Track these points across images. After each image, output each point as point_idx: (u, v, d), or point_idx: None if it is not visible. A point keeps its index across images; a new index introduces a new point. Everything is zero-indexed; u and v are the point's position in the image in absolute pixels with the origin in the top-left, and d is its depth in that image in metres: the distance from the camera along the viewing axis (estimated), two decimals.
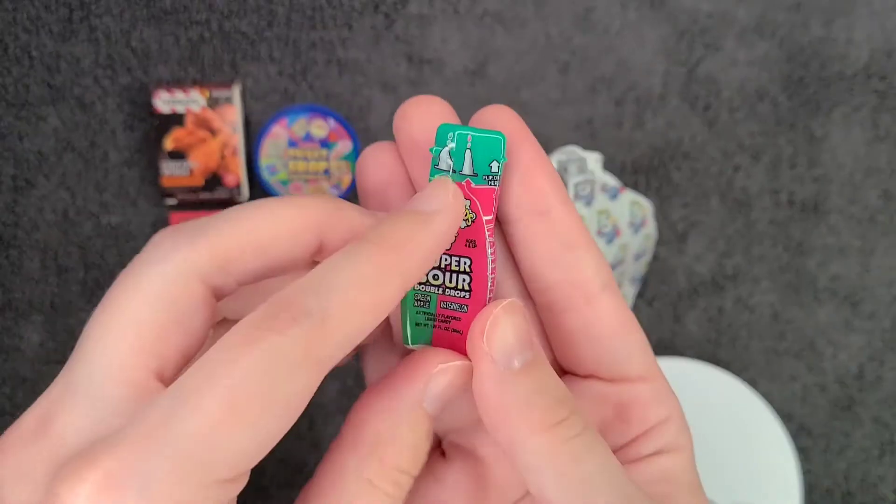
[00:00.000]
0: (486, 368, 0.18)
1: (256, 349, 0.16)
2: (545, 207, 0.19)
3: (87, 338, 0.17)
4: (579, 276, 0.19)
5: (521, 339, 0.18)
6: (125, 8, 0.52)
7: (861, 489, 0.56)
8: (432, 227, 0.18)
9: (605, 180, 0.49)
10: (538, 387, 0.18)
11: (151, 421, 0.15)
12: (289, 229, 0.19)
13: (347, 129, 0.52)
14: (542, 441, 0.17)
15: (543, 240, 0.19)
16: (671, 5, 0.54)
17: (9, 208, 0.53)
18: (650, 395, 0.20)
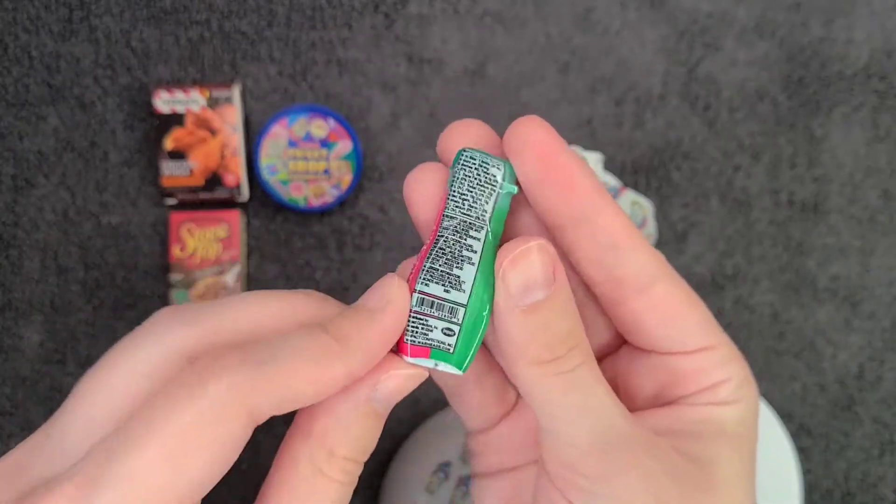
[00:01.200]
0: (501, 303, 0.20)
1: (194, 397, 0.17)
2: (585, 215, 0.20)
3: (73, 396, 0.19)
4: (623, 273, 0.21)
5: (529, 282, 0.19)
6: (125, 8, 0.52)
7: (861, 489, 0.56)
8: (378, 325, 0.20)
9: (606, 180, 0.49)
10: (540, 326, 0.19)
11: (97, 460, 0.17)
12: (274, 321, 0.20)
13: (347, 129, 0.52)
14: (534, 373, 0.19)
15: (585, 244, 0.20)
16: (671, 5, 0.54)
17: (9, 208, 0.53)
18: (709, 362, 0.21)
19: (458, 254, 0.20)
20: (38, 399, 0.53)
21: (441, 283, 0.20)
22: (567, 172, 0.20)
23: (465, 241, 0.20)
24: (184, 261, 0.52)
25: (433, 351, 0.20)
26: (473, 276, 0.20)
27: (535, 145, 0.20)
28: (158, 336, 0.19)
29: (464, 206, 0.20)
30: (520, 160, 0.20)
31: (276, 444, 0.53)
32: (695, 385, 0.21)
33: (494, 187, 0.20)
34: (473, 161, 0.20)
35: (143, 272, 0.53)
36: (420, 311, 0.20)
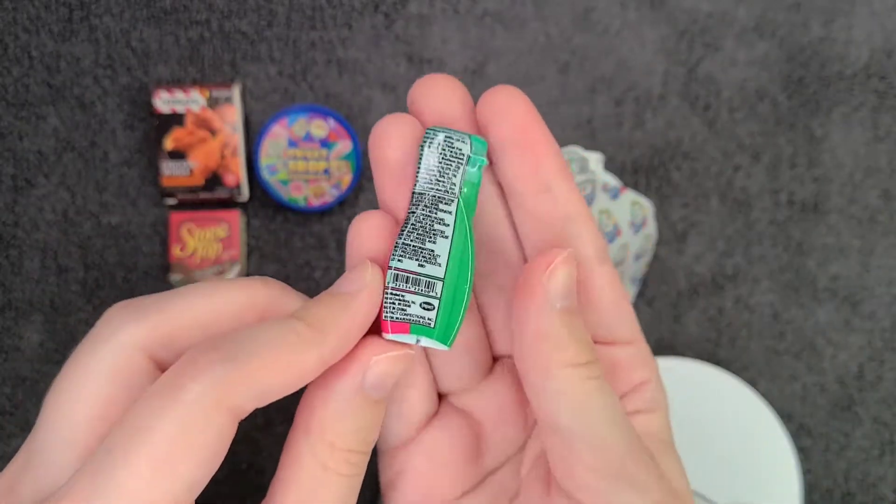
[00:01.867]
0: (539, 301, 0.19)
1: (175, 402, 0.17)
2: (548, 184, 0.20)
3: (44, 409, 0.19)
4: (579, 248, 0.21)
5: (570, 286, 0.20)
6: (125, 8, 0.52)
7: (861, 489, 0.56)
8: (352, 306, 0.19)
9: (607, 180, 0.49)
10: (574, 329, 0.20)
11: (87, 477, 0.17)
12: (231, 310, 0.20)
13: (347, 128, 0.52)
14: (569, 375, 0.19)
15: (546, 214, 0.21)
16: (671, 5, 0.54)
17: (8, 208, 0.53)
18: (635, 357, 0.22)
19: (430, 228, 0.20)
20: (38, 399, 0.53)
21: (415, 258, 0.20)
22: (541, 141, 0.20)
23: (435, 214, 0.20)
24: (184, 261, 0.52)
25: (413, 326, 0.20)
26: (448, 249, 0.20)
27: (513, 112, 0.20)
28: (113, 336, 0.19)
29: (432, 181, 0.20)
30: (497, 126, 0.20)
31: (274, 442, 0.53)
32: (627, 382, 0.22)
33: (461, 160, 0.20)
34: (438, 136, 0.20)
35: (143, 272, 0.53)
36: (396, 287, 0.20)
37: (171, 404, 0.17)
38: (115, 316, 0.19)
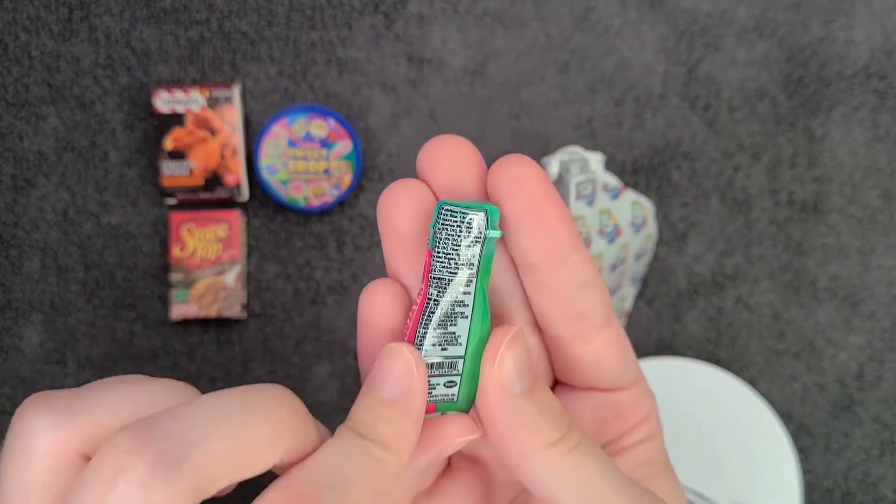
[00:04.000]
0: (496, 394, 0.20)
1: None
2: (564, 255, 0.20)
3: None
4: (590, 312, 0.21)
5: (522, 368, 0.20)
6: (125, 8, 0.52)
7: (861, 489, 0.56)
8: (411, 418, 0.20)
9: (607, 180, 0.49)
10: (541, 407, 0.20)
11: None
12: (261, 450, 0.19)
13: (347, 128, 0.52)
14: (550, 455, 0.19)
15: (562, 283, 0.21)
16: (671, 5, 0.54)
17: (9, 208, 0.53)
18: (638, 397, 0.23)
19: (451, 312, 0.20)
20: None
21: (439, 345, 0.20)
22: (556, 214, 0.20)
23: (455, 298, 0.20)
24: (184, 260, 0.52)
25: (438, 405, 0.21)
26: (468, 327, 0.20)
27: (527, 185, 0.20)
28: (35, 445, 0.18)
29: (450, 265, 0.20)
30: (510, 200, 0.20)
31: None
32: (632, 419, 0.23)
33: (479, 238, 0.20)
34: (454, 216, 0.20)
35: (143, 272, 0.53)
36: None
37: None
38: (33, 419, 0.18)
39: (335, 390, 0.55)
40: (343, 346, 0.54)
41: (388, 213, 0.20)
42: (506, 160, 0.20)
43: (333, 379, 0.54)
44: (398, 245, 0.21)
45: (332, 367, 0.54)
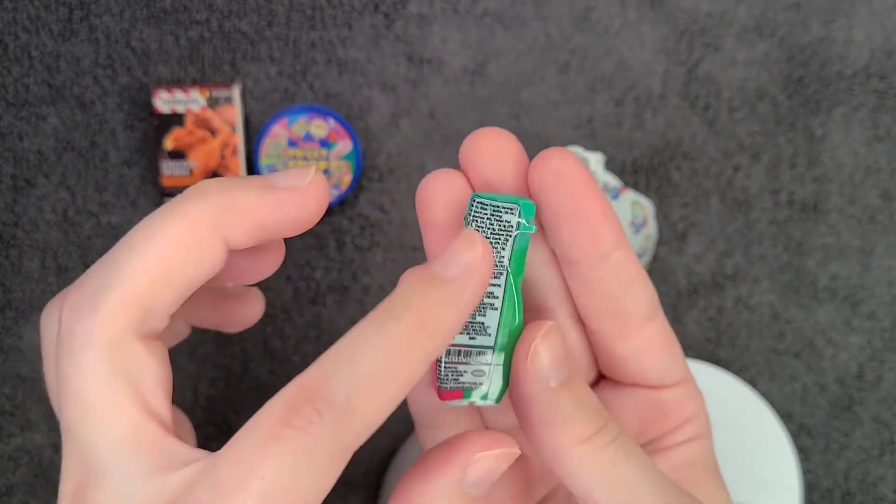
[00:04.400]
0: (530, 388, 0.19)
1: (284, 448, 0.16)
2: (606, 251, 0.20)
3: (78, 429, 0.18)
4: (634, 309, 0.21)
5: (557, 361, 0.19)
6: (125, 8, 0.52)
7: (861, 489, 0.56)
8: (460, 297, 0.18)
9: (607, 180, 0.49)
10: (576, 401, 0.19)
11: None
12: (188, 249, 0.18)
13: (347, 128, 0.52)
14: (585, 450, 0.19)
15: (604, 279, 0.20)
16: (671, 5, 0.54)
17: (8, 208, 0.53)
18: (684, 396, 0.22)
19: (481, 303, 0.20)
20: (38, 399, 0.53)
21: (466, 333, 0.20)
22: (600, 209, 0.20)
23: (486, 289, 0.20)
24: None
25: (465, 392, 0.21)
26: (498, 319, 0.20)
27: (569, 179, 0.19)
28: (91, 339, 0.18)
29: None
30: (553, 195, 0.19)
31: None
32: (677, 418, 0.22)
33: (510, 232, 0.20)
34: (486, 209, 0.20)
35: None
36: (449, 360, 0.20)
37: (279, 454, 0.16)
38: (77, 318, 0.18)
39: None
40: None
41: (425, 203, 0.20)
42: (547, 154, 0.20)
43: None
44: (435, 233, 0.21)
45: None
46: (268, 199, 0.19)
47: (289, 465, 0.16)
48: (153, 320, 0.19)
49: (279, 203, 0.19)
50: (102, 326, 0.18)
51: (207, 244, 0.19)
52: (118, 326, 0.18)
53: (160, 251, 0.18)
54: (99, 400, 0.18)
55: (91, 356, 0.18)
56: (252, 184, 0.20)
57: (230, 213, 0.19)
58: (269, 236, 0.20)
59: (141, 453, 0.18)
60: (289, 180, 0.20)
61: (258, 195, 0.19)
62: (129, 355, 0.18)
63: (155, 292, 0.18)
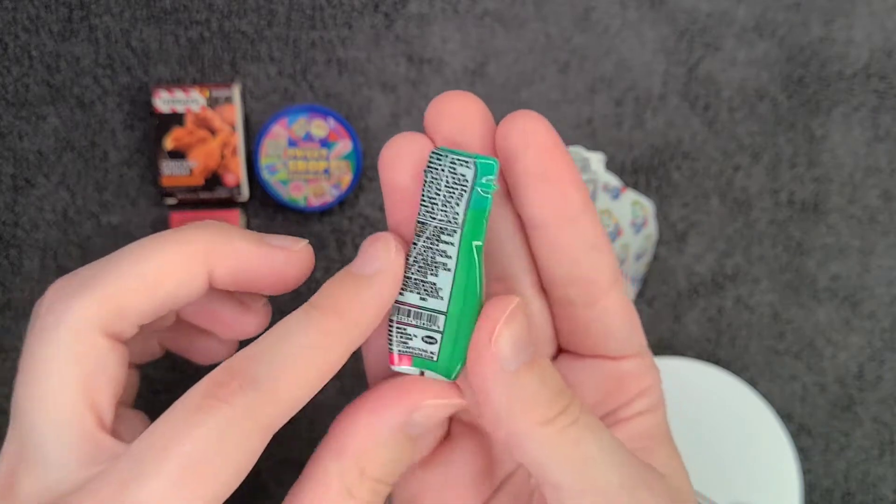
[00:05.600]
0: (490, 369, 0.19)
1: (207, 419, 0.17)
2: (574, 214, 0.20)
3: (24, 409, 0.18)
4: (599, 274, 0.21)
5: (521, 344, 0.19)
6: (125, 7, 0.52)
7: (861, 489, 0.56)
8: (374, 289, 0.19)
9: (608, 180, 0.49)
10: (539, 383, 0.19)
11: (113, 484, 0.17)
12: (174, 269, 0.19)
13: (347, 128, 0.52)
14: (547, 432, 0.19)
15: (571, 243, 0.20)
16: (671, 5, 0.54)
17: (8, 208, 0.53)
18: (641, 367, 0.22)
19: (432, 261, 0.20)
20: None
21: (416, 292, 0.20)
22: (567, 171, 0.19)
23: (437, 246, 0.19)
24: None
25: (415, 359, 0.20)
26: (451, 282, 0.20)
27: (538, 140, 0.19)
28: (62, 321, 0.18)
29: (433, 211, 0.19)
30: (520, 156, 0.19)
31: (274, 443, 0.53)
32: (634, 390, 0.22)
33: (465, 187, 0.19)
34: (441, 162, 0.19)
35: None
36: (398, 320, 0.20)
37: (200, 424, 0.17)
38: (59, 298, 0.19)
39: (334, 390, 0.55)
40: None
41: (388, 165, 0.20)
42: (515, 115, 0.19)
43: (333, 379, 0.54)
44: (398, 197, 0.20)
45: None
46: (259, 248, 0.21)
47: (209, 436, 0.16)
48: (123, 324, 0.19)
49: (267, 254, 0.21)
50: (77, 311, 0.18)
51: (192, 269, 0.20)
52: (91, 316, 0.19)
53: (148, 263, 0.19)
54: (50, 380, 0.18)
55: (57, 336, 0.18)
56: (248, 233, 0.21)
57: (220, 249, 0.20)
58: (250, 284, 0.21)
59: (75, 444, 0.18)
60: (282, 241, 0.21)
61: (250, 242, 0.20)
62: (92, 346, 0.19)
63: (132, 298, 0.19)
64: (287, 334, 0.18)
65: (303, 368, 0.18)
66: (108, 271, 0.19)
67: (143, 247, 0.19)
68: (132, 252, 0.19)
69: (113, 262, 0.19)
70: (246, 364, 0.18)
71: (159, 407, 0.18)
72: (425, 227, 0.20)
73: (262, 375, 0.17)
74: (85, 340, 0.19)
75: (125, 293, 0.19)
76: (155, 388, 0.54)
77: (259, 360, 0.18)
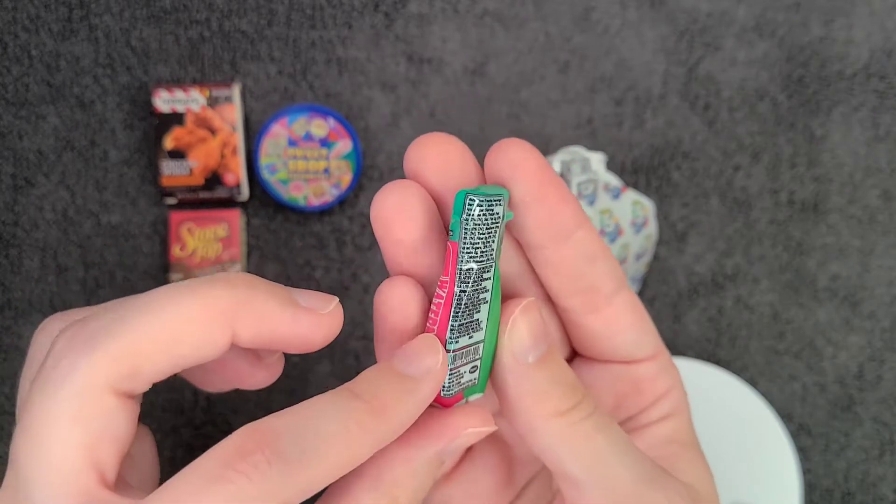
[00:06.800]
0: (507, 362, 0.19)
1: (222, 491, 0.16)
2: (568, 232, 0.20)
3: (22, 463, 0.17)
4: (600, 283, 0.21)
5: (536, 336, 0.19)
6: (125, 7, 0.52)
7: (861, 489, 0.56)
8: (419, 396, 0.19)
9: (608, 180, 0.49)
10: (552, 377, 0.19)
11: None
12: (195, 327, 0.18)
13: (347, 128, 0.52)
14: (560, 424, 0.19)
15: (568, 259, 0.20)
16: (671, 5, 0.54)
17: (8, 207, 0.53)
18: (658, 369, 0.22)
19: (476, 299, 0.20)
20: None
21: (466, 334, 0.20)
22: (559, 193, 0.20)
23: (480, 285, 0.20)
24: (184, 260, 0.52)
25: (465, 391, 0.21)
26: (488, 311, 0.20)
27: (526, 167, 0.19)
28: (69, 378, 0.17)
29: (476, 254, 0.19)
30: (514, 183, 0.20)
31: None
32: (651, 394, 0.22)
33: (497, 223, 0.19)
34: (480, 205, 0.19)
35: (143, 272, 0.53)
36: (454, 366, 0.20)
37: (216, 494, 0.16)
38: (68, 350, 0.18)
39: None
40: (343, 346, 0.54)
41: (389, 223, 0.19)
42: (502, 145, 0.20)
43: (333, 379, 0.54)
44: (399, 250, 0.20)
45: (332, 367, 0.54)
46: (287, 310, 0.20)
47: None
48: (136, 382, 0.18)
49: (295, 317, 0.20)
50: (87, 370, 0.17)
51: (215, 330, 0.19)
52: (102, 377, 0.18)
53: (166, 319, 0.18)
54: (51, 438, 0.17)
55: (64, 394, 0.17)
56: (277, 292, 0.20)
57: (247, 310, 0.19)
58: (273, 344, 0.20)
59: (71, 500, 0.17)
60: (312, 301, 0.20)
61: (279, 303, 0.20)
62: (99, 406, 0.18)
63: (149, 358, 0.18)
64: (323, 415, 0.17)
65: (333, 456, 0.17)
66: (122, 324, 0.18)
67: (163, 299, 0.18)
68: (150, 304, 0.18)
69: (129, 314, 0.18)
70: (274, 437, 0.17)
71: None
72: (470, 271, 0.19)
73: (290, 455, 0.16)
74: (92, 401, 0.17)
75: (140, 351, 0.18)
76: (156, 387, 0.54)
77: (289, 436, 0.17)
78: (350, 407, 0.18)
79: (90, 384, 0.17)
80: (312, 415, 0.17)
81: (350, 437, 0.17)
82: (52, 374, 0.18)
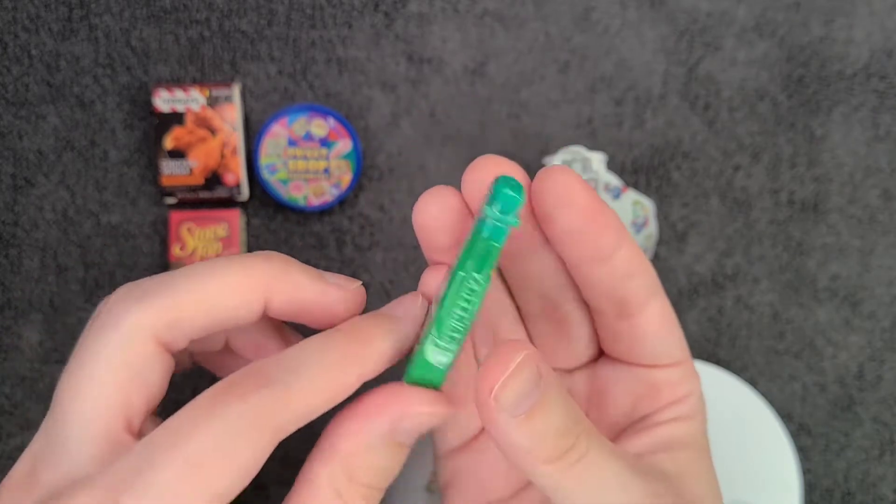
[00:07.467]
0: (496, 419, 0.19)
1: (219, 413, 0.18)
2: (609, 255, 0.21)
3: (60, 396, 0.19)
4: (634, 295, 0.22)
5: (526, 394, 0.19)
6: (125, 7, 0.52)
7: (861, 489, 0.56)
8: (397, 325, 0.21)
9: (609, 180, 0.49)
10: (543, 426, 0.19)
11: (125, 470, 0.17)
12: (234, 291, 0.21)
13: (347, 128, 0.52)
14: (551, 471, 0.19)
15: (605, 279, 0.21)
16: (671, 5, 0.54)
17: (8, 207, 0.53)
18: (680, 376, 0.23)
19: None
20: (37, 398, 0.53)
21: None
22: (603, 219, 0.20)
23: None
24: (184, 260, 0.52)
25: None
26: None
27: (576, 199, 0.20)
28: (120, 322, 0.19)
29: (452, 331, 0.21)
30: (563, 213, 0.20)
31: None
32: (668, 397, 0.23)
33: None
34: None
35: (143, 271, 0.53)
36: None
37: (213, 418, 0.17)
38: (121, 301, 0.20)
39: None
40: None
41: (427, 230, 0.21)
42: (549, 174, 0.21)
43: None
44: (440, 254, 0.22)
45: None
46: (316, 284, 0.22)
47: (219, 431, 0.17)
48: (176, 334, 0.20)
49: (323, 290, 0.22)
50: (135, 315, 0.19)
51: (250, 295, 0.21)
52: (146, 323, 0.20)
53: (210, 283, 0.20)
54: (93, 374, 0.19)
55: (110, 335, 0.19)
56: (308, 269, 0.23)
57: (281, 281, 0.22)
58: (301, 315, 0.22)
59: (99, 440, 0.19)
60: (337, 279, 0.23)
61: (309, 278, 0.22)
62: (141, 351, 0.20)
63: (189, 312, 0.20)
64: (307, 349, 0.19)
65: (318, 380, 0.19)
66: (170, 284, 0.20)
67: (208, 267, 0.21)
68: (196, 270, 0.21)
69: (177, 277, 0.20)
70: (262, 366, 0.19)
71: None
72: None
73: (276, 378, 0.18)
74: (136, 344, 0.19)
75: (184, 306, 0.20)
76: None
77: (276, 366, 0.19)
78: (332, 339, 0.20)
79: (136, 327, 0.19)
80: (298, 349, 0.19)
81: (333, 364, 0.19)
82: (105, 319, 0.20)
